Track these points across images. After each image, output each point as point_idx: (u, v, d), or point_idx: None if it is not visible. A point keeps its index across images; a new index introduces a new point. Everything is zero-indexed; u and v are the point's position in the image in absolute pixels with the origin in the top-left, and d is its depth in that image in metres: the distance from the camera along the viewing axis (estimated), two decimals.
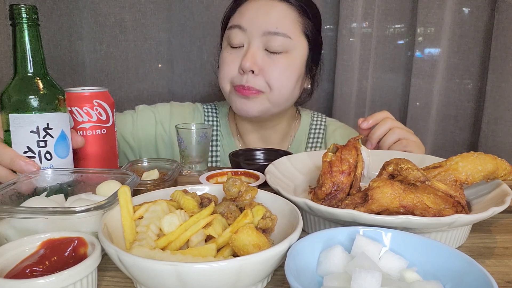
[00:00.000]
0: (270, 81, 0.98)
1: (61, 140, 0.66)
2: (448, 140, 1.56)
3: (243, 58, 0.98)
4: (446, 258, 0.43)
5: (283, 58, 0.99)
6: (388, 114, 0.91)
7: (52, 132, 0.64)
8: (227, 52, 1.03)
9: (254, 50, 0.98)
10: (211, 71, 1.53)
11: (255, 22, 0.98)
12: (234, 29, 1.00)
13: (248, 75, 0.98)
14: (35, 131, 0.63)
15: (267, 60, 0.99)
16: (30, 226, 0.49)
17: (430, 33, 1.43)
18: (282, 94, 1.01)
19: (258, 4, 1.00)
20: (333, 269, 0.43)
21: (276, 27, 0.97)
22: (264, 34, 0.97)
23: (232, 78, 1.02)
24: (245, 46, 1.00)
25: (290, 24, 0.99)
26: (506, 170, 0.64)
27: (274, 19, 0.97)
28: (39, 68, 0.65)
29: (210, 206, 0.51)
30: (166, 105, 1.20)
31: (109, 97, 0.78)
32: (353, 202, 0.58)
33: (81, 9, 1.45)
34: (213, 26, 1.46)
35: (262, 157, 0.99)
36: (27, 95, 0.63)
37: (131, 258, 0.40)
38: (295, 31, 1.00)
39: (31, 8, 0.63)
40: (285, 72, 0.99)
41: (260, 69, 0.98)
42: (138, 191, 0.70)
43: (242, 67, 0.98)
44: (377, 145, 0.91)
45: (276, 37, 0.97)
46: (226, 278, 0.40)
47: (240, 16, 1.01)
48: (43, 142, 0.64)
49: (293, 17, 1.00)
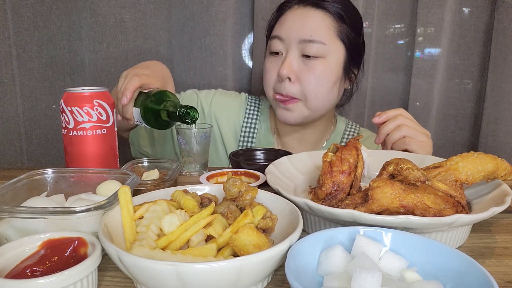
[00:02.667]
0: (306, 88, 1.04)
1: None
2: (448, 140, 1.56)
3: (281, 66, 1.04)
4: (446, 258, 0.43)
5: (319, 64, 1.03)
6: (403, 111, 0.92)
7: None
8: (268, 60, 1.10)
9: (291, 58, 1.04)
10: (211, 71, 1.54)
11: (292, 31, 1.04)
12: (274, 39, 1.07)
13: (285, 83, 1.04)
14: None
15: (303, 67, 1.04)
16: (30, 226, 0.49)
17: (430, 33, 1.43)
18: (318, 99, 1.05)
19: (295, 13, 1.06)
20: (334, 269, 0.43)
21: (311, 34, 1.02)
22: (300, 42, 1.03)
23: (273, 85, 1.09)
24: (283, 54, 1.06)
25: (324, 30, 1.03)
26: (506, 170, 0.64)
27: (309, 27, 1.02)
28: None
29: (211, 206, 0.51)
30: (211, 91, 1.26)
31: (109, 97, 0.78)
32: (353, 202, 0.58)
33: (80, 9, 1.45)
34: (213, 26, 1.46)
35: (262, 157, 0.99)
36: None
37: (131, 258, 0.40)
38: (330, 37, 1.04)
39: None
40: (320, 77, 1.03)
41: (297, 76, 1.04)
42: (138, 191, 0.70)
43: (279, 74, 1.04)
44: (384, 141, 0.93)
45: (311, 44, 1.02)
46: (227, 278, 0.40)
47: (280, 27, 1.07)
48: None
49: (328, 23, 1.04)
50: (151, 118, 0.86)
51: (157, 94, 0.86)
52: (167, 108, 0.84)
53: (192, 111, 0.82)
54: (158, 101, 0.85)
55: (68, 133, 0.74)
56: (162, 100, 0.85)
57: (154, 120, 0.86)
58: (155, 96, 0.85)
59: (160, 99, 0.86)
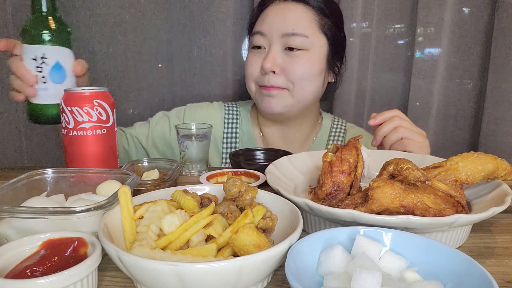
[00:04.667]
0: (292, 77, 1.03)
1: (56, 68, 0.80)
2: (448, 140, 1.55)
3: (264, 60, 1.04)
4: (446, 258, 0.43)
5: (302, 55, 1.03)
6: (398, 112, 0.92)
7: (47, 61, 0.79)
8: (250, 54, 1.10)
9: (274, 52, 1.04)
10: (211, 71, 1.54)
11: (274, 26, 1.03)
12: (256, 35, 1.07)
13: (269, 75, 1.03)
14: (34, 58, 0.78)
15: (287, 59, 1.03)
16: (30, 226, 0.49)
17: (430, 33, 1.43)
18: (304, 88, 1.05)
19: (276, 8, 1.05)
20: (334, 269, 0.43)
21: (293, 28, 1.02)
22: (283, 36, 1.02)
23: (256, 78, 1.08)
24: (266, 48, 1.06)
25: (306, 24, 1.03)
26: (506, 170, 0.64)
27: (290, 21, 1.02)
28: (50, 8, 0.81)
29: (211, 206, 0.51)
30: (181, 108, 1.24)
31: (109, 97, 0.78)
32: (353, 202, 0.58)
33: (79, 9, 1.45)
34: (213, 26, 1.46)
35: (262, 157, 0.99)
36: (31, 29, 0.78)
37: (131, 258, 0.40)
38: (312, 30, 1.04)
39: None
40: (305, 67, 1.03)
41: (281, 69, 1.03)
42: (138, 191, 0.70)
43: (263, 68, 1.04)
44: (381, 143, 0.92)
45: (293, 37, 1.02)
46: (226, 278, 0.40)
47: (262, 22, 1.07)
48: (40, 68, 0.79)
49: (310, 17, 1.04)
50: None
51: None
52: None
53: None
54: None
55: (68, 133, 0.74)
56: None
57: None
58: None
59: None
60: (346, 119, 1.50)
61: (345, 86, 1.50)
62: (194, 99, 1.56)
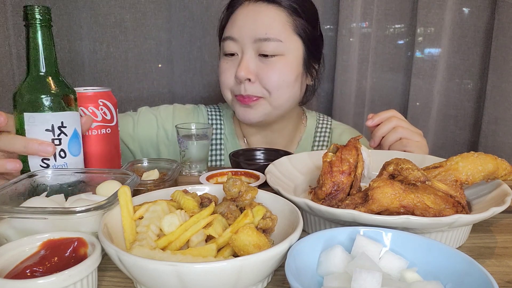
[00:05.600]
0: (267, 85, 0.98)
1: (74, 138, 0.67)
2: (448, 140, 1.56)
3: (238, 68, 0.98)
4: (446, 258, 0.43)
5: (277, 61, 0.98)
6: (395, 113, 0.91)
7: (66, 131, 0.66)
8: (223, 61, 1.04)
9: (247, 59, 0.98)
10: (211, 71, 1.54)
11: (245, 31, 0.98)
12: (227, 40, 1.01)
13: (245, 84, 0.99)
14: (50, 129, 0.64)
15: (262, 65, 0.98)
16: (30, 226, 0.49)
17: (430, 33, 1.43)
18: (281, 96, 1.01)
19: (246, 11, 0.99)
20: (334, 269, 0.43)
21: (266, 32, 0.96)
22: (255, 41, 0.97)
23: (231, 87, 1.03)
24: (239, 55, 1.00)
25: (279, 27, 0.97)
26: (506, 170, 0.64)
27: (262, 25, 0.96)
28: (52, 67, 0.66)
29: (210, 206, 0.51)
30: (169, 108, 1.18)
31: (112, 97, 0.78)
32: (353, 202, 0.58)
33: (80, 9, 1.45)
34: (213, 26, 1.46)
35: (262, 157, 0.99)
36: (42, 94, 0.64)
37: (131, 258, 0.40)
38: (286, 33, 0.98)
39: (45, 9, 0.65)
40: (281, 74, 0.99)
41: (256, 76, 0.98)
42: (138, 191, 0.70)
43: (237, 77, 0.98)
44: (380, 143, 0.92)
45: (267, 42, 0.96)
46: (226, 278, 0.40)
47: (231, 26, 1.01)
48: (58, 140, 0.65)
49: (282, 19, 0.98)
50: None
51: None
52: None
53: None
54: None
55: None
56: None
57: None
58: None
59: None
60: (346, 119, 1.51)
61: (345, 86, 1.50)
62: (194, 99, 1.57)
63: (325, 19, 1.50)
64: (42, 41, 0.65)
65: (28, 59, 0.65)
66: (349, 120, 1.51)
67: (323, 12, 1.48)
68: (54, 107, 0.65)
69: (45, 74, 0.66)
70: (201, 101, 1.57)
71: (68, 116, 0.66)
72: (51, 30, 0.66)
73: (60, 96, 0.65)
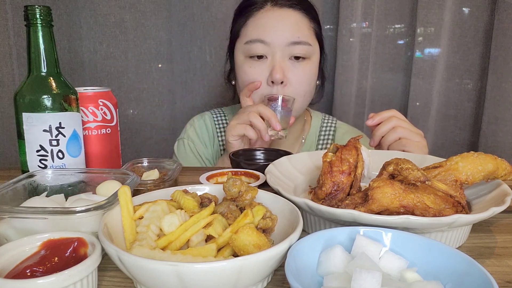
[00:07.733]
0: (298, 89, 1.02)
1: (74, 139, 0.67)
2: (448, 140, 1.56)
3: (273, 70, 1.00)
4: (446, 258, 0.43)
5: (305, 65, 1.02)
6: (395, 112, 0.91)
7: (64, 131, 0.66)
8: (247, 64, 1.03)
9: (281, 62, 1.00)
10: (211, 71, 1.54)
11: (277, 34, 1.00)
12: (256, 43, 1.01)
13: (278, 86, 1.01)
14: (47, 130, 0.64)
15: (293, 69, 1.02)
16: (30, 226, 0.49)
17: (430, 33, 1.43)
18: (305, 99, 1.06)
19: (274, 15, 1.01)
20: (334, 269, 0.43)
21: (298, 36, 1.00)
22: (288, 44, 1.00)
23: (263, 90, 1.03)
24: (269, 58, 1.01)
25: (307, 31, 1.02)
26: (506, 170, 0.64)
27: (294, 29, 1.00)
28: (52, 68, 0.66)
29: (210, 206, 0.51)
30: (190, 129, 1.21)
31: (112, 97, 0.78)
32: (353, 202, 0.58)
33: (80, 9, 1.45)
34: (213, 26, 1.46)
35: (262, 157, 0.99)
36: (41, 95, 0.64)
37: (131, 258, 0.40)
38: (312, 37, 1.03)
39: (46, 9, 0.65)
40: (309, 77, 1.03)
41: (288, 79, 1.02)
42: (138, 191, 0.70)
43: (273, 79, 1.00)
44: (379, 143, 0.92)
45: (299, 46, 1.00)
46: (226, 278, 0.40)
47: (257, 29, 1.01)
48: (56, 141, 0.65)
49: (307, 23, 1.03)
50: None
51: None
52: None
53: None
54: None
55: None
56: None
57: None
58: None
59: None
60: (347, 119, 1.51)
61: (345, 86, 1.50)
62: (194, 99, 1.57)
63: (325, 19, 1.50)
64: (43, 41, 0.65)
65: (29, 59, 0.65)
66: (349, 120, 1.51)
67: (323, 12, 1.48)
68: (53, 107, 0.65)
69: (46, 74, 0.66)
70: (201, 101, 1.57)
71: (67, 117, 0.66)
72: (52, 30, 0.66)
73: (60, 97, 0.65)
